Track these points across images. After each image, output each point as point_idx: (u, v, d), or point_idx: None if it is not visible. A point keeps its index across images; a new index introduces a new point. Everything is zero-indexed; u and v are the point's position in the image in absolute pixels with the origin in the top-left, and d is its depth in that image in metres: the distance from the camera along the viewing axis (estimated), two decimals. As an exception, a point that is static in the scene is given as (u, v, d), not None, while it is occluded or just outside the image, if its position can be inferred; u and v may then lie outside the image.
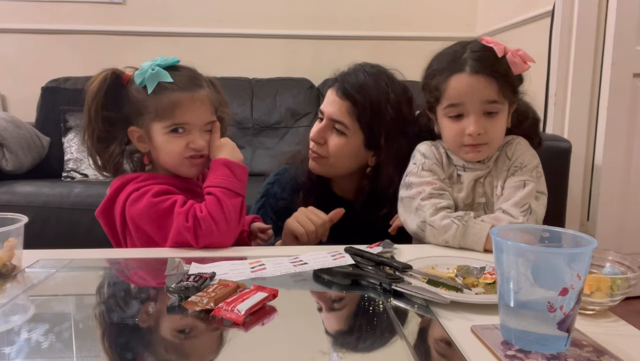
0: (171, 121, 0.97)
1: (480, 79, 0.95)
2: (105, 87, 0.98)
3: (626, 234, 2.10)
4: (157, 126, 0.98)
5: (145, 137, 1.00)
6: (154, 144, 1.00)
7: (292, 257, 0.85)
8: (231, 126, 2.65)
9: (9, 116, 2.43)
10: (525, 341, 0.55)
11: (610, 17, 2.00)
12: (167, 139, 0.98)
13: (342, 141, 1.11)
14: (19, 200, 2.04)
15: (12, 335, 0.60)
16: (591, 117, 2.10)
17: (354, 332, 0.62)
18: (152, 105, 0.97)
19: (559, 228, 0.60)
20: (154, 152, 1.02)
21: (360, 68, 1.14)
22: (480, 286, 0.73)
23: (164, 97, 0.96)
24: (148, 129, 0.99)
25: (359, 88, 1.09)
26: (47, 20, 2.81)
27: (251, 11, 2.89)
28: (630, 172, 2.09)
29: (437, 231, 0.97)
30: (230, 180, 0.97)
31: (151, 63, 0.98)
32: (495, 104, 0.97)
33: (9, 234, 0.78)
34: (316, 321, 0.65)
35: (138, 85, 0.97)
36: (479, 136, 0.97)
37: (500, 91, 0.96)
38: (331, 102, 1.12)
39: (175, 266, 0.77)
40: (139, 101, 0.98)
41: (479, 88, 0.95)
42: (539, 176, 1.01)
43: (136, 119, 0.99)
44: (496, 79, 0.95)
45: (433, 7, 2.96)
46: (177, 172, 1.02)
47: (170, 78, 0.96)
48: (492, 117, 0.97)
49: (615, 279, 0.66)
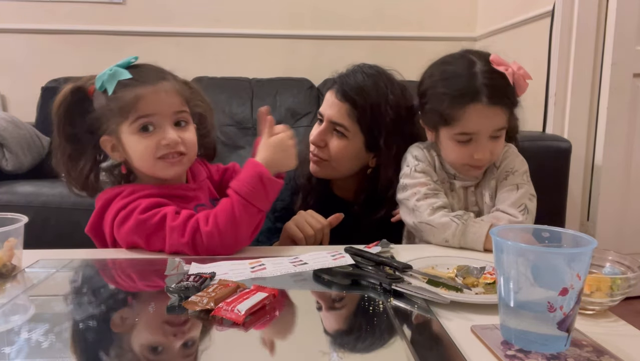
0: (135, 115, 0.89)
1: (497, 110, 0.96)
2: (67, 104, 0.92)
3: (626, 234, 2.10)
4: (124, 127, 0.91)
5: (117, 144, 0.93)
6: (126, 149, 0.93)
7: (292, 257, 0.85)
8: (231, 126, 2.67)
9: (9, 116, 2.43)
10: (525, 341, 0.55)
11: (610, 17, 2.00)
12: (136, 139, 0.90)
13: (342, 144, 1.11)
14: (19, 200, 2.04)
15: (12, 335, 0.60)
16: (591, 117, 2.10)
17: (354, 332, 0.62)
18: (115, 106, 0.90)
19: (559, 228, 0.60)
20: (129, 160, 0.95)
21: (359, 69, 1.13)
22: (480, 286, 0.73)
23: (126, 94, 0.89)
24: (118, 135, 0.92)
25: (358, 90, 1.09)
26: (47, 20, 2.81)
27: (251, 11, 2.88)
28: (630, 172, 2.09)
29: (436, 229, 0.97)
30: (257, 192, 0.89)
31: (111, 67, 0.92)
32: (503, 129, 0.99)
33: (9, 234, 0.78)
34: (316, 321, 0.65)
35: (98, 89, 0.91)
36: (485, 158, 1.00)
37: (509, 117, 0.98)
38: (331, 104, 1.12)
39: (175, 266, 0.77)
40: (102, 106, 0.91)
41: (494, 118, 0.97)
42: (528, 180, 1.03)
43: (104, 127, 0.92)
44: (509, 108, 0.97)
45: (433, 7, 2.96)
46: (156, 176, 0.95)
47: (129, 75, 0.89)
48: (496, 140, 0.99)
49: (615, 279, 0.66)
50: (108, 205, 0.93)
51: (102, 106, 0.91)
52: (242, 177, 0.91)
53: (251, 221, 0.90)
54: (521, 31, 2.50)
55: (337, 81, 1.13)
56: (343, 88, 1.10)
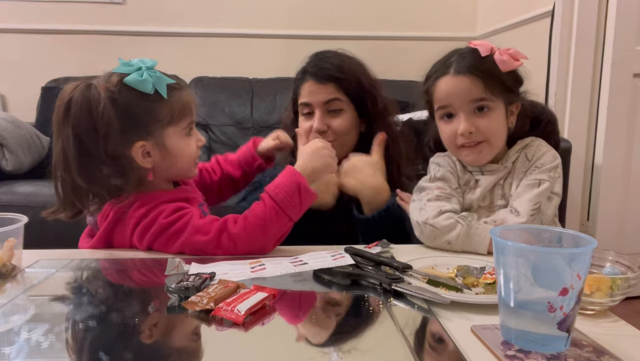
0: (188, 120, 0.92)
1: (463, 79, 0.97)
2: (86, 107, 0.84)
3: (626, 234, 2.10)
4: (172, 130, 0.90)
5: (154, 147, 0.90)
6: (168, 150, 0.90)
7: (292, 257, 0.85)
8: (231, 126, 2.67)
9: (9, 116, 2.43)
10: (525, 341, 0.55)
11: (610, 17, 2.00)
12: (185, 142, 0.92)
13: (342, 118, 1.17)
14: (19, 200, 2.04)
15: (12, 335, 0.60)
16: (591, 117, 2.10)
17: (354, 332, 0.62)
18: (166, 109, 0.88)
19: (559, 228, 0.60)
20: (165, 163, 0.91)
21: (321, 55, 1.23)
22: (480, 286, 0.73)
23: (176, 98, 0.89)
24: (160, 138, 0.89)
25: (335, 68, 1.18)
26: (47, 20, 2.81)
27: (251, 11, 2.89)
28: (630, 172, 2.09)
29: (438, 231, 0.96)
30: (292, 201, 0.89)
31: (138, 67, 0.87)
32: (484, 101, 0.97)
33: (9, 234, 0.78)
34: (316, 321, 0.65)
35: (145, 91, 0.86)
36: (472, 135, 0.97)
37: (487, 88, 0.97)
38: (315, 90, 1.17)
39: (175, 266, 0.77)
40: (147, 108, 0.87)
41: (463, 87, 0.97)
42: (557, 176, 1.01)
43: (144, 131, 0.88)
44: (481, 78, 0.96)
45: (433, 7, 2.96)
46: (185, 176, 0.97)
47: (170, 79, 0.89)
48: (483, 115, 0.98)
49: (615, 279, 0.66)
50: (120, 217, 0.90)
51: (147, 108, 0.87)
52: (280, 183, 0.91)
53: (280, 228, 0.90)
54: (521, 31, 2.50)
55: (309, 71, 1.19)
56: (320, 72, 1.17)
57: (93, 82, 0.86)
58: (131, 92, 0.86)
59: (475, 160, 1.02)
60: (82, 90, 0.85)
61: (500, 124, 1.00)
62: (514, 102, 1.02)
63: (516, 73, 1.01)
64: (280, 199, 0.89)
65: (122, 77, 0.86)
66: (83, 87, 0.85)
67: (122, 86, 0.86)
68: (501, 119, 1.00)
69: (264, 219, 0.87)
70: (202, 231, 0.87)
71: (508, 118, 1.01)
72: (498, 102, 0.98)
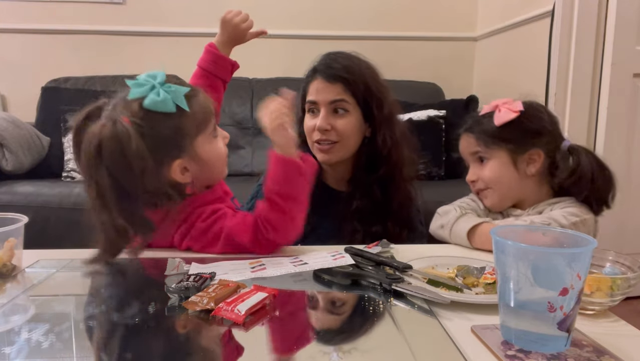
0: (212, 122, 0.90)
1: (464, 137, 1.11)
2: (118, 149, 0.78)
3: (626, 234, 2.10)
4: (201, 139, 0.88)
5: (189, 162, 0.87)
6: (203, 160, 0.88)
7: (292, 257, 0.85)
8: (231, 126, 2.67)
9: (9, 116, 2.43)
10: (525, 341, 0.55)
11: (610, 17, 2.00)
12: (215, 145, 0.91)
13: (346, 119, 1.17)
14: (19, 200, 2.04)
15: (12, 335, 0.60)
16: (591, 117, 2.10)
17: (354, 332, 0.62)
18: (190, 121, 0.86)
19: (559, 228, 0.60)
20: (202, 172, 0.90)
21: (333, 55, 1.22)
22: (480, 286, 0.73)
23: (195, 105, 0.86)
24: (192, 150, 0.87)
25: (344, 69, 1.17)
26: (47, 20, 2.81)
27: (251, 11, 2.86)
28: (631, 172, 2.09)
29: (439, 216, 1.05)
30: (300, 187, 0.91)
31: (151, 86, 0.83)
32: (479, 153, 1.06)
33: (9, 234, 0.78)
34: (316, 321, 0.65)
35: (167, 111, 0.82)
36: (474, 183, 1.09)
37: (480, 140, 1.06)
38: (322, 89, 1.17)
39: (175, 266, 0.77)
40: (173, 127, 0.84)
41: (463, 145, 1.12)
42: (574, 222, 0.94)
43: (177, 149, 0.85)
44: (474, 134, 1.08)
45: (433, 7, 2.96)
46: (219, 178, 0.96)
47: (186, 88, 0.86)
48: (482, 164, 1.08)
49: (615, 279, 0.66)
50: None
51: (174, 126, 0.84)
52: (279, 179, 0.90)
53: (303, 212, 0.91)
54: (521, 31, 2.50)
55: (319, 69, 1.19)
56: (330, 71, 1.17)
57: (117, 118, 0.80)
58: (154, 116, 0.82)
59: None
60: (110, 129, 0.79)
61: (501, 171, 1.03)
62: (526, 151, 1.03)
63: (524, 125, 1.03)
64: (289, 192, 0.89)
65: (141, 102, 0.82)
66: (110, 125, 0.79)
67: (144, 112, 0.81)
68: (502, 167, 1.03)
69: (288, 215, 0.88)
70: (239, 233, 0.88)
71: (518, 165, 1.02)
72: (497, 151, 1.03)
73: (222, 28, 1.20)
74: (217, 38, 1.20)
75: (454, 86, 2.88)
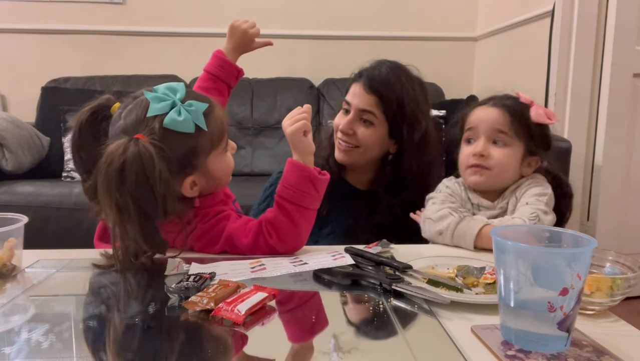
0: (225, 137, 0.91)
1: (494, 110, 1.07)
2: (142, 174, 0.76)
3: (626, 234, 2.10)
4: (213, 155, 0.87)
5: (200, 177, 0.87)
6: (213, 175, 0.88)
7: (292, 257, 0.85)
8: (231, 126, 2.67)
9: (9, 116, 2.43)
10: (525, 341, 0.55)
11: (610, 17, 2.00)
12: (225, 160, 0.91)
13: (369, 131, 1.19)
14: (19, 200, 2.04)
15: (12, 335, 0.60)
16: (591, 117, 2.10)
17: (353, 332, 0.62)
18: (207, 139, 0.85)
19: (559, 228, 0.60)
20: (209, 185, 0.90)
21: (383, 64, 1.22)
22: (480, 286, 0.73)
23: (212, 123, 0.85)
24: (204, 166, 0.86)
25: (384, 83, 1.18)
26: (47, 20, 2.81)
27: (251, 11, 2.88)
28: (630, 172, 2.09)
29: (432, 222, 1.01)
30: (311, 195, 0.90)
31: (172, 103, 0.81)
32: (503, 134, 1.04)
33: (9, 234, 0.78)
34: (316, 321, 0.65)
35: (187, 131, 0.81)
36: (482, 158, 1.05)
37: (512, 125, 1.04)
38: (359, 95, 1.19)
39: (175, 266, 0.77)
40: (191, 146, 0.83)
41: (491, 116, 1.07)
42: (543, 202, 1.00)
43: (190, 167, 0.84)
44: (510, 114, 1.05)
45: (433, 7, 2.96)
46: (223, 187, 0.96)
47: (205, 102, 0.85)
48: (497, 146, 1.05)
49: (615, 279, 0.66)
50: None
51: (190, 145, 0.83)
52: (293, 184, 0.90)
53: (310, 222, 0.92)
54: (521, 31, 2.50)
55: (364, 74, 1.20)
56: (370, 81, 1.18)
57: (139, 139, 0.77)
58: (174, 135, 0.80)
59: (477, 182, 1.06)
60: (133, 152, 0.76)
61: (511, 161, 1.04)
62: (534, 154, 1.05)
63: (545, 131, 1.06)
64: (300, 199, 0.89)
65: (161, 120, 0.80)
66: (133, 149, 0.76)
67: (164, 132, 0.79)
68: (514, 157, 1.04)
69: (294, 223, 0.88)
70: (239, 235, 0.88)
71: (522, 163, 1.05)
72: (518, 142, 1.03)
73: (230, 35, 1.21)
74: (225, 45, 1.22)
75: (454, 86, 2.88)
